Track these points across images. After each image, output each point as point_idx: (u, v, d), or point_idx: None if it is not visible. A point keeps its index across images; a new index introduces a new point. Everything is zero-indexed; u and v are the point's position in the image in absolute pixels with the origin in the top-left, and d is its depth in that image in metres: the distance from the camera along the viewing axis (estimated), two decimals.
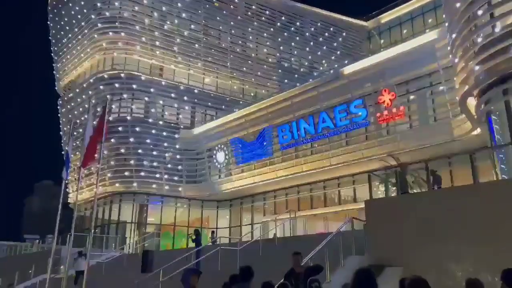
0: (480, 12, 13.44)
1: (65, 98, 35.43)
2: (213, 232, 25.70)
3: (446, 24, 15.85)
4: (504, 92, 13.30)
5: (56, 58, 37.34)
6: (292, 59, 38.23)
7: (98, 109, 30.66)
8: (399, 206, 10.79)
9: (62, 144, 35.65)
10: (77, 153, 31.80)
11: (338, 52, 40.22)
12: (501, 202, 8.94)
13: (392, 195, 11.88)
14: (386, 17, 40.04)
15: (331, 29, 40.25)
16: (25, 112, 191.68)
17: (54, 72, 37.93)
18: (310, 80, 27.14)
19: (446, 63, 17.91)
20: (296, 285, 5.62)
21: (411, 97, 20.63)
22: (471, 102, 14.94)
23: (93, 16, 31.36)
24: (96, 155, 15.05)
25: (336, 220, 23.05)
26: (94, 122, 28.39)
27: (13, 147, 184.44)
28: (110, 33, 31.05)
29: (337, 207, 24.26)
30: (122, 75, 30.36)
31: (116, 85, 30.42)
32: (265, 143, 25.97)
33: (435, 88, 19.77)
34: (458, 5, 14.21)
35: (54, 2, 37.15)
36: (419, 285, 3.72)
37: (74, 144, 32.86)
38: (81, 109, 32.91)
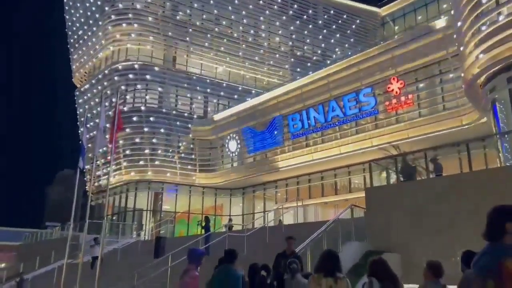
0: (484, 0, 13.38)
1: (81, 89, 36.25)
2: (230, 219, 26.36)
3: (452, 12, 15.78)
4: (509, 80, 13.28)
5: (72, 50, 38.17)
6: (305, 47, 38.18)
7: (113, 100, 31.41)
8: (397, 194, 11.04)
9: (79, 134, 36.59)
10: (89, 145, 32.76)
11: (352, 40, 39.96)
12: (495, 189, 9.12)
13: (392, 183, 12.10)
14: (400, 3, 39.46)
15: (344, 16, 39.96)
16: (46, 103, 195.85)
17: (70, 63, 38.76)
18: (323, 68, 27.15)
19: (455, 50, 17.82)
20: (285, 264, 6.03)
21: (421, 85, 20.59)
22: (477, 90, 14.93)
23: (106, 8, 31.89)
24: (109, 145, 15.74)
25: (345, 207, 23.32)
26: (110, 113, 29.31)
27: (35, 137, 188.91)
28: (124, 25, 31.57)
29: (347, 195, 24.47)
30: (136, 66, 30.93)
31: (130, 76, 31.02)
32: (275, 132, 26.27)
33: (444, 76, 19.70)
34: None
35: None
36: (379, 265, 4.06)
37: (89, 135, 33.82)
38: (96, 99, 33.66)
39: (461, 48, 14.84)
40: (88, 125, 33.12)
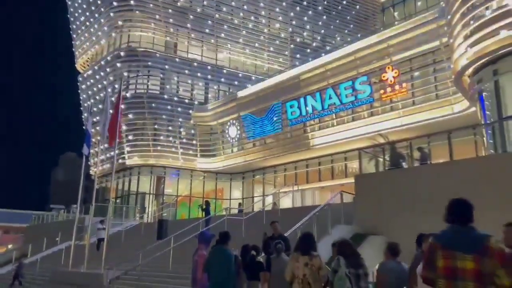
0: None
1: (84, 75, 36.84)
2: (240, 204, 27.28)
3: (443, 5, 16.29)
4: (494, 73, 13.91)
5: (74, 36, 38.64)
6: (305, 33, 38.52)
7: (116, 86, 32.08)
8: (384, 181, 11.81)
9: (83, 119, 37.33)
10: (97, 128, 33.50)
11: (351, 26, 40.23)
12: (477, 176, 9.89)
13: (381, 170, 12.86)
14: None
15: (344, 2, 40.15)
16: (50, 87, 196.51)
17: (73, 49, 39.27)
18: (322, 54, 27.61)
19: (447, 41, 18.35)
20: (272, 244, 6.82)
21: (415, 74, 21.18)
22: (465, 80, 15.56)
23: None
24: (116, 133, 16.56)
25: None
26: (113, 99, 29.95)
27: (39, 121, 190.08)
28: (126, 12, 31.96)
29: (343, 180, 25.25)
30: (138, 52, 31.45)
31: (133, 62, 31.57)
32: (274, 119, 26.95)
33: (438, 65, 20.26)
34: None
35: None
36: (345, 246, 4.84)
37: (94, 119, 34.57)
38: (99, 85, 34.33)
39: (451, 40, 15.42)
40: (91, 111, 33.99)
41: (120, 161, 31.37)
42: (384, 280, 4.88)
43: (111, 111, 17.22)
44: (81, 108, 37.72)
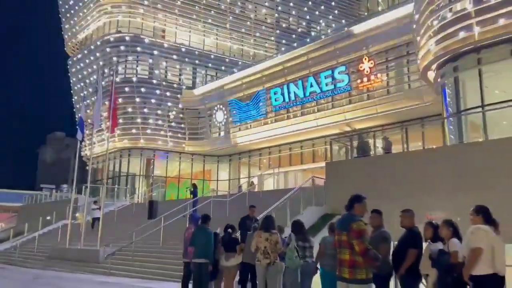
0: None
1: (74, 59, 37.54)
2: (240, 186, 28.77)
3: (413, 4, 17.58)
4: (455, 69, 15.37)
5: (63, 19, 39.12)
6: (290, 19, 39.51)
7: (105, 70, 32.98)
8: (351, 167, 13.34)
9: (73, 101, 38.22)
10: (87, 111, 34.52)
11: (336, 11, 41.31)
12: (431, 165, 11.47)
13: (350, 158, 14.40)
14: None
15: None
16: (36, 66, 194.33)
17: (62, 32, 39.78)
18: (307, 39, 28.65)
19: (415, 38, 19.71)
20: (249, 224, 8.31)
21: (390, 64, 22.57)
22: (430, 75, 17.02)
23: None
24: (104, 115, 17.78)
25: (323, 174, 25.75)
26: (103, 83, 30.92)
27: (25, 100, 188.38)
28: None
29: (323, 163, 26.78)
30: (127, 38, 32.33)
31: (122, 47, 32.45)
32: (260, 105, 28.26)
33: (411, 57, 21.63)
34: None
35: None
36: (295, 226, 6.31)
37: (84, 103, 35.48)
38: (89, 69, 35.15)
39: (418, 38, 16.79)
40: (82, 94, 34.86)
41: (110, 144, 32.50)
42: (321, 250, 6.38)
43: (106, 103, 18.39)
44: (71, 91, 38.52)
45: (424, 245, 5.49)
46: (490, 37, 13.86)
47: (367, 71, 22.34)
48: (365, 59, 22.44)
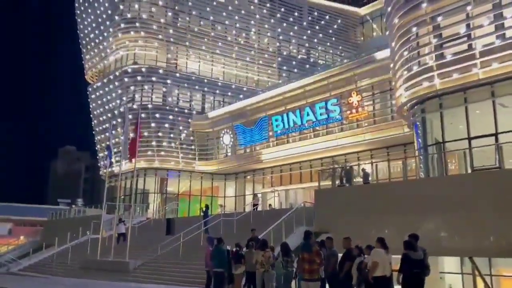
0: (405, 53, 18.60)
1: (94, 86, 41.23)
2: (254, 205, 31.79)
3: (389, 49, 20.87)
4: (422, 111, 18.63)
5: (84, 50, 42.92)
6: (291, 47, 43.00)
7: (124, 98, 36.60)
8: (334, 194, 16.58)
9: (92, 125, 41.81)
10: (106, 133, 38.06)
11: (333, 39, 44.83)
12: (400, 196, 14.71)
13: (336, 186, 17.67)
14: (378, 4, 43.91)
15: (327, 17, 44.64)
16: (47, 82, 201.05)
17: (82, 62, 43.58)
18: (302, 78, 31.69)
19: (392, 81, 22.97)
20: (252, 244, 11.55)
21: (376, 98, 25.87)
22: (404, 113, 20.28)
23: (116, 17, 36.55)
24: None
25: None
26: (121, 109, 34.51)
27: (38, 114, 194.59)
28: (132, 32, 36.30)
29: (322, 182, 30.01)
30: (143, 69, 35.93)
31: (138, 77, 36.05)
32: (262, 130, 31.62)
33: (393, 92, 24.89)
34: (393, 44, 19.37)
35: (80, 0, 42.36)
36: (282, 246, 9.56)
37: (103, 126, 39.09)
38: (108, 97, 38.78)
39: (393, 83, 20.10)
40: (101, 118, 38.49)
41: (128, 164, 35.96)
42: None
43: (131, 135, 21.78)
44: (91, 116, 42.10)
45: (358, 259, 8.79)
46: (448, 87, 17.15)
47: (355, 104, 25.66)
48: (354, 93, 25.77)
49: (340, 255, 9.34)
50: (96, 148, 42.10)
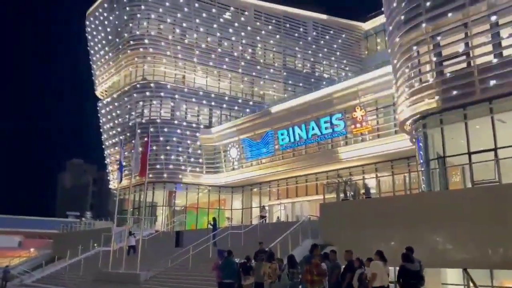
0: (407, 70, 19.26)
1: (104, 102, 42.24)
2: (262, 216, 32.41)
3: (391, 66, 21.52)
4: (424, 126, 19.20)
5: (94, 66, 44.05)
6: (296, 61, 43.84)
7: (133, 113, 37.50)
8: (339, 208, 17.13)
9: (102, 140, 42.69)
10: (116, 147, 38.88)
11: (338, 53, 45.66)
12: (400, 210, 15.24)
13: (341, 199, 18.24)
14: (382, 19, 44.65)
15: (331, 32, 45.51)
16: (55, 95, 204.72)
17: (93, 78, 44.72)
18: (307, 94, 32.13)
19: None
20: (261, 256, 12.13)
21: (379, 112, 26.49)
22: (406, 128, 20.86)
23: (125, 35, 37.66)
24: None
25: None
26: (130, 124, 35.31)
27: (50, 126, 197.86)
28: (141, 49, 37.34)
29: (326, 195, 30.52)
30: (152, 85, 36.87)
31: (147, 93, 36.97)
32: (269, 144, 32.29)
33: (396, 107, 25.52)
34: (395, 61, 20.06)
35: (91, 18, 43.60)
36: (288, 258, 10.16)
37: (113, 141, 39.92)
38: (118, 111, 39.72)
39: (395, 99, 20.72)
40: (111, 133, 39.31)
41: (137, 178, 36.67)
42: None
43: (140, 149, 22.51)
44: (101, 130, 43.04)
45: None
46: (448, 104, 17.74)
47: (359, 119, 26.29)
48: (358, 108, 26.41)
49: (343, 267, 9.97)
50: (106, 162, 42.95)
